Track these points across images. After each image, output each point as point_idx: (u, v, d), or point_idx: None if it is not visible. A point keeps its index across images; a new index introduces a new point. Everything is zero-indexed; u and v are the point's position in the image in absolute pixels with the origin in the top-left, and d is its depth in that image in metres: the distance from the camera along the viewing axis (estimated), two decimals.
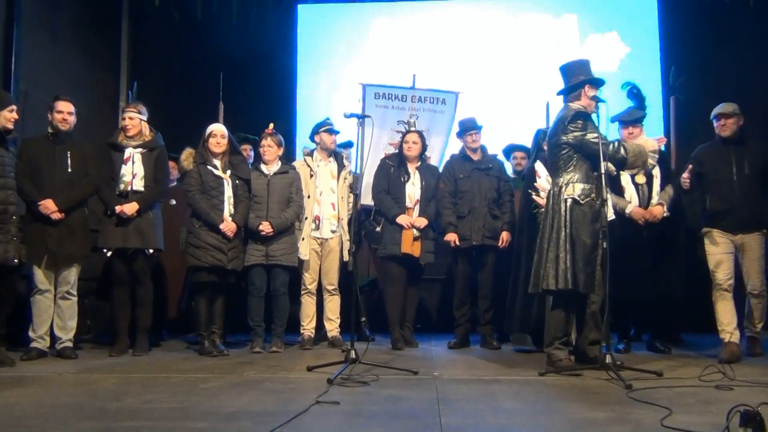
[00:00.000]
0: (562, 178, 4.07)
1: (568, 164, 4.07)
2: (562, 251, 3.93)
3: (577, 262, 3.91)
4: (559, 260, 3.93)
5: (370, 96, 6.12)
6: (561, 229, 3.97)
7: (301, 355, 4.88)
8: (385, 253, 5.24)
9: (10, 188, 4.37)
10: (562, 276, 3.90)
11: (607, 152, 4.00)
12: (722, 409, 2.23)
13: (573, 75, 4.17)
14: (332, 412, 2.83)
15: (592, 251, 3.95)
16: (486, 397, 3.21)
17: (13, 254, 4.32)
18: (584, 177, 4.02)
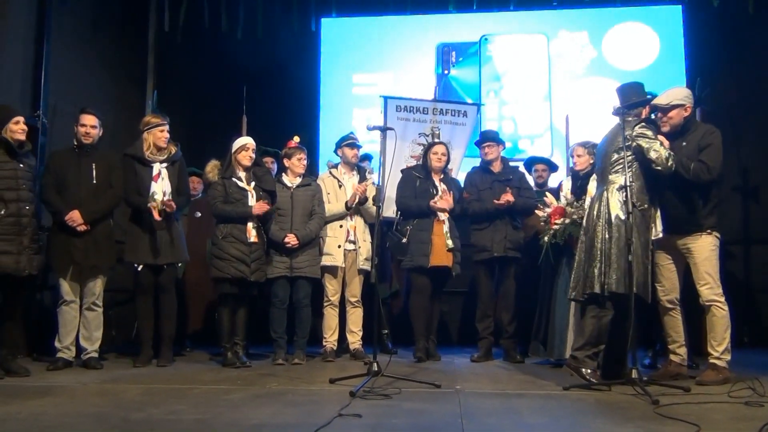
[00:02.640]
0: (619, 182, 3.92)
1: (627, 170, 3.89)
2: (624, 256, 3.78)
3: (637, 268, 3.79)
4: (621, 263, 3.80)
5: (391, 109, 6.15)
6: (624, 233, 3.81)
7: (323, 367, 4.88)
8: (412, 264, 5.21)
9: (23, 200, 4.40)
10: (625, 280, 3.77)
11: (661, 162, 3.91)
12: (752, 426, 2.19)
13: (631, 95, 4.11)
14: (354, 425, 2.82)
15: (647, 258, 3.89)
16: (509, 411, 3.17)
17: (25, 265, 4.36)
18: (641, 186, 3.96)
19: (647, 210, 3.94)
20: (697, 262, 4.09)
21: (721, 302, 4.06)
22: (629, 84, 4.25)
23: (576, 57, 7.25)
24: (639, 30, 7.27)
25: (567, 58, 7.27)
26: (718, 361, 4.04)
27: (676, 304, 4.25)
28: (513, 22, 7.41)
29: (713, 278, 4.06)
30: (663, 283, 4.27)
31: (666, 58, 7.17)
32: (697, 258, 4.09)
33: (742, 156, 6.86)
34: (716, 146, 4.11)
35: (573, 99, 6.96)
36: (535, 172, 5.96)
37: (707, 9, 6.81)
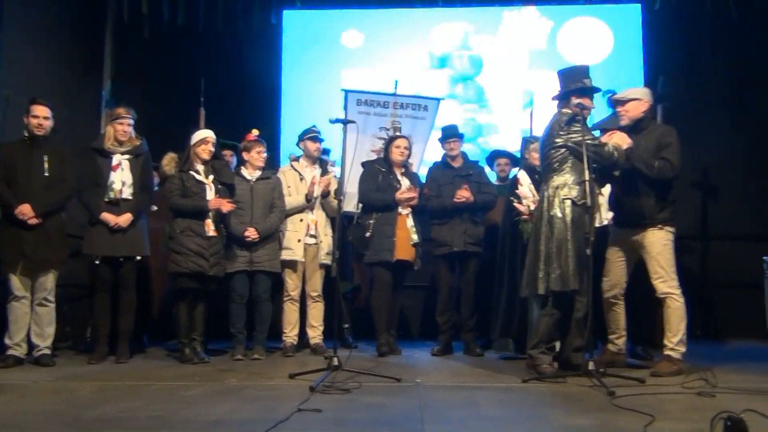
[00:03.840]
0: (557, 180, 4.04)
1: (563, 166, 4.03)
2: (566, 253, 3.89)
3: (578, 263, 3.88)
4: (562, 261, 3.89)
5: (352, 102, 6.12)
6: (562, 230, 3.93)
7: (283, 362, 4.84)
8: (376, 258, 5.20)
9: None
10: (566, 278, 3.87)
11: (605, 155, 3.98)
12: (705, 416, 2.23)
13: (568, 81, 4.17)
14: (314, 419, 2.80)
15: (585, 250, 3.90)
16: (469, 404, 3.19)
17: None
18: (579, 179, 3.98)
19: (586, 204, 3.91)
20: (650, 256, 4.17)
21: (676, 294, 4.14)
22: (570, 68, 4.27)
23: (535, 51, 7.31)
24: (593, 25, 7.36)
25: (527, 52, 7.32)
26: (673, 352, 4.12)
27: (619, 299, 4.34)
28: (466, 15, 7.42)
29: (666, 271, 4.14)
30: (609, 277, 4.35)
31: (620, 55, 7.27)
32: (650, 252, 4.17)
33: (700, 154, 7.03)
34: (676, 144, 4.21)
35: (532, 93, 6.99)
36: (498, 165, 6.00)
37: (666, 8, 6.93)
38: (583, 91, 4.14)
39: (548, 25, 7.38)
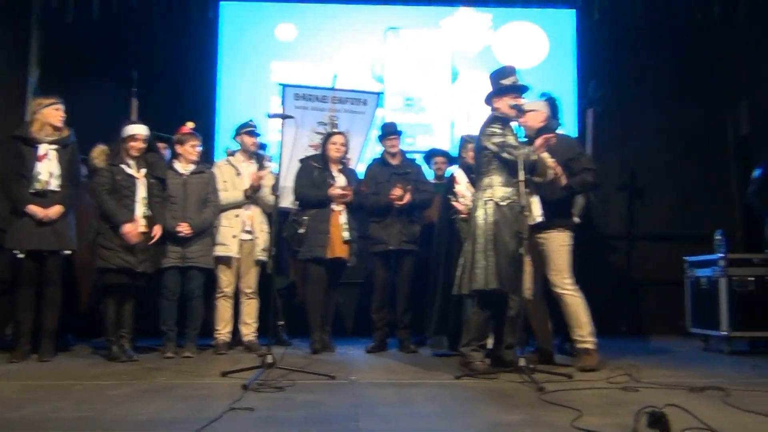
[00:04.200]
0: (484, 181, 4.13)
1: (488, 168, 4.12)
2: (488, 253, 3.97)
3: (501, 263, 3.95)
4: (486, 261, 3.96)
5: (289, 96, 6.06)
6: (485, 231, 4.01)
7: (215, 360, 4.75)
8: (309, 255, 5.16)
9: None
10: (489, 277, 3.94)
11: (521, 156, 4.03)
12: (629, 411, 2.31)
13: (495, 82, 4.24)
14: (246, 418, 2.76)
15: (515, 252, 3.99)
16: (402, 400, 3.21)
17: None
18: (505, 181, 4.07)
19: (515, 204, 4.00)
20: (547, 255, 4.35)
21: (571, 291, 4.29)
22: (497, 69, 4.31)
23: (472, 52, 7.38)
24: (529, 30, 7.50)
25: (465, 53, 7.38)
26: (587, 344, 4.26)
27: (537, 298, 4.44)
28: (411, 15, 7.43)
29: (560, 271, 4.30)
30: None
31: (555, 60, 7.45)
32: (547, 252, 4.35)
33: (628, 157, 7.28)
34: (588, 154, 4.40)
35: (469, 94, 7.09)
36: (435, 164, 6.05)
37: (600, 15, 7.13)
38: (506, 91, 4.17)
39: (486, 28, 7.47)
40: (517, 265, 3.92)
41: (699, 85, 7.46)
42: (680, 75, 7.46)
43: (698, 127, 7.39)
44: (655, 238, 7.22)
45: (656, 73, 7.46)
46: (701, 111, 7.41)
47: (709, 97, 7.46)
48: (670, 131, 7.39)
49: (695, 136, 7.39)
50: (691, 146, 7.38)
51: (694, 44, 7.40)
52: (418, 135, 7.15)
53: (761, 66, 7.16)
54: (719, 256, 5.33)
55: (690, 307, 5.79)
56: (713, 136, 7.42)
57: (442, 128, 7.17)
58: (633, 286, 7.23)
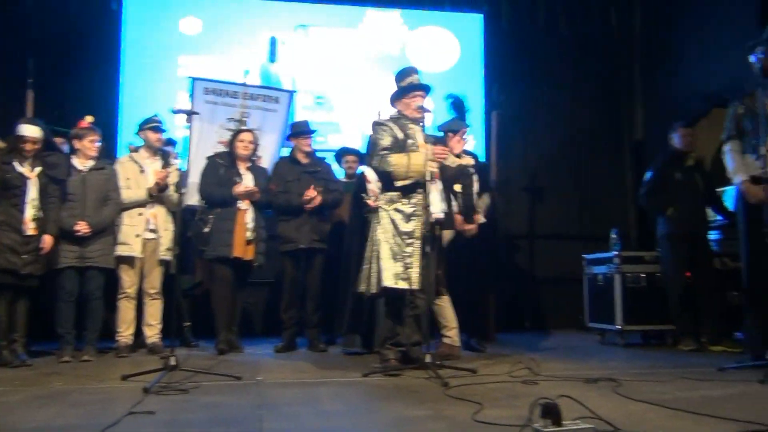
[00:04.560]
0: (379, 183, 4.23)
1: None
2: (375, 254, 4.07)
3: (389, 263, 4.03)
4: (379, 262, 4.05)
5: (199, 91, 5.92)
6: (374, 233, 4.13)
7: (115, 363, 4.58)
8: (214, 254, 5.06)
9: None
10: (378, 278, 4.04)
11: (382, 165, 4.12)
12: (527, 403, 2.40)
13: (398, 83, 4.29)
14: (146, 422, 2.68)
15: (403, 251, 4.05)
16: (309, 400, 3.20)
17: None
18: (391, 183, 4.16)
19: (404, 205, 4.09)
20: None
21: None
22: (399, 70, 4.36)
23: (384, 53, 7.42)
24: (441, 34, 7.64)
25: (377, 54, 7.42)
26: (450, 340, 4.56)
27: (441, 293, 4.54)
28: (322, 14, 7.41)
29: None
30: None
31: (466, 64, 7.62)
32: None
33: (531, 159, 7.55)
34: None
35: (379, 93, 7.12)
36: (345, 162, 6.06)
37: (506, 21, 7.36)
38: (406, 91, 4.23)
39: (399, 30, 7.55)
40: (424, 263, 3.99)
41: (598, 91, 7.85)
42: (580, 81, 7.81)
43: (596, 132, 7.78)
44: (556, 237, 7.53)
45: (557, 78, 7.77)
46: (599, 116, 7.81)
47: (606, 103, 7.86)
48: (570, 135, 7.71)
49: (594, 140, 7.76)
50: (590, 150, 7.74)
51: (594, 52, 7.78)
52: (329, 134, 7.14)
53: (655, 74, 7.59)
54: (614, 254, 5.61)
55: (588, 302, 6.07)
56: (610, 140, 7.82)
57: (353, 127, 7.18)
58: (535, 284, 7.50)
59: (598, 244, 6.29)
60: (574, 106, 7.78)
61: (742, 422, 2.42)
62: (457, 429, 2.46)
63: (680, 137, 5.44)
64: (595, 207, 7.59)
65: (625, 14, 7.80)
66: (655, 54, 7.58)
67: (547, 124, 7.66)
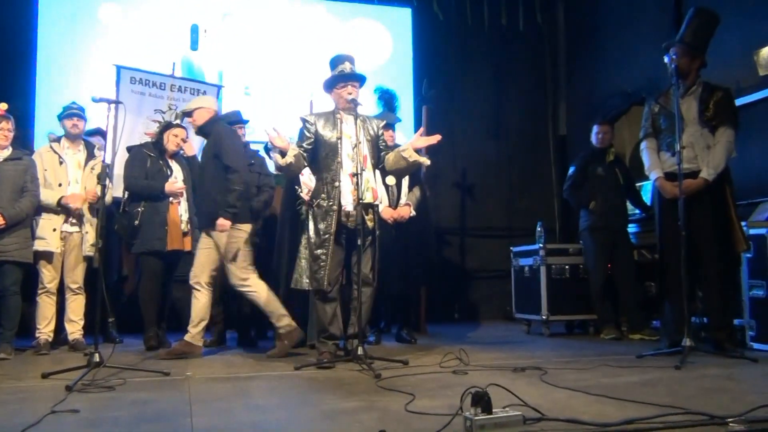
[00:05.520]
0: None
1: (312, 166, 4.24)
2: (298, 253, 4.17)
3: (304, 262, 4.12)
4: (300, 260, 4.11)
5: (125, 80, 5.74)
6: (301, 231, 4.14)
7: (35, 361, 4.40)
8: (145, 248, 4.90)
9: None
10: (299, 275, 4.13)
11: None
12: (458, 392, 2.43)
13: (331, 70, 4.25)
14: (70, 421, 2.58)
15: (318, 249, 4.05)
16: (240, 394, 3.16)
17: None
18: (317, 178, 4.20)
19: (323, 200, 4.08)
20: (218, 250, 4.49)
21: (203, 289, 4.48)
22: (333, 57, 4.30)
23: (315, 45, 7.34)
24: (373, 27, 7.65)
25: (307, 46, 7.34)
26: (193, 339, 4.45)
27: (202, 287, 4.55)
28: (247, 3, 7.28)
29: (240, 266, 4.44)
30: (195, 264, 4.56)
31: (398, 58, 7.66)
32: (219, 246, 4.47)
33: (459, 154, 7.67)
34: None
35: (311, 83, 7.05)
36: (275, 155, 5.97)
37: (434, 15, 7.43)
38: (337, 80, 4.19)
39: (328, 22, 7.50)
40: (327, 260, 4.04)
41: (523, 86, 8.06)
42: (507, 77, 8.00)
43: (522, 127, 7.99)
44: (485, 230, 7.69)
45: (484, 74, 7.93)
46: (525, 112, 8.02)
47: (532, 99, 8.08)
48: (497, 130, 7.90)
49: (520, 135, 7.97)
50: (517, 144, 7.94)
51: (520, 49, 7.97)
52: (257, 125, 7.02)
53: (578, 72, 7.85)
54: (539, 246, 5.78)
55: (515, 293, 6.23)
56: (536, 135, 8.04)
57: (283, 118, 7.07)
58: (465, 276, 7.64)
59: (524, 238, 6.46)
60: (501, 102, 7.96)
61: (660, 406, 2.54)
62: (390, 419, 2.48)
63: (595, 134, 5.65)
64: (522, 201, 7.79)
65: (550, 12, 8.02)
66: (578, 52, 7.84)
67: (475, 119, 7.80)
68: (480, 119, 7.83)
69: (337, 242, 4.06)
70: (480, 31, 7.62)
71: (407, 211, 5.07)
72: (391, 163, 4.21)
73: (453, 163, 7.65)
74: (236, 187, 4.37)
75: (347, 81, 4.15)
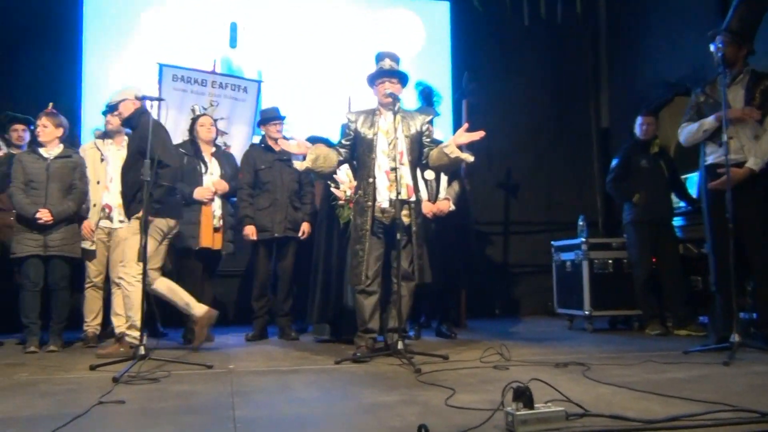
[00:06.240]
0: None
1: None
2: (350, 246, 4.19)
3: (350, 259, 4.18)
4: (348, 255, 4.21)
5: (167, 77, 5.84)
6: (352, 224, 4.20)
7: (83, 353, 4.52)
8: (181, 246, 5.00)
9: None
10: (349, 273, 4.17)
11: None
12: (499, 387, 2.42)
13: (376, 65, 4.26)
14: (116, 412, 2.64)
15: (356, 244, 4.12)
16: (282, 387, 3.19)
17: None
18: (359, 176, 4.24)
19: (361, 197, 4.14)
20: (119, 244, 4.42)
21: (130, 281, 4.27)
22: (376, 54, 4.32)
23: (353, 42, 7.35)
24: (407, 18, 7.60)
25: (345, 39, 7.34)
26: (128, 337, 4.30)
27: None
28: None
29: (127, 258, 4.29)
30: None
31: (432, 50, 7.58)
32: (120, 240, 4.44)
33: (500, 148, 7.58)
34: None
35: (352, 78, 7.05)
36: None
37: (472, 8, 7.36)
38: (374, 77, 4.23)
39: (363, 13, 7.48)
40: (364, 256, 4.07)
41: (564, 79, 7.92)
42: (547, 69, 7.87)
43: (563, 120, 7.86)
44: (525, 224, 7.60)
45: (524, 66, 7.82)
46: (566, 104, 7.89)
47: (572, 91, 7.93)
48: (538, 122, 7.79)
49: (561, 128, 7.84)
50: (557, 137, 7.83)
51: (560, 40, 7.84)
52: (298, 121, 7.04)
53: (620, 63, 7.69)
54: (581, 241, 5.69)
55: (556, 289, 6.15)
56: (577, 128, 7.90)
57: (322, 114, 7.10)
58: (505, 271, 7.57)
59: (566, 232, 6.36)
60: (542, 94, 7.85)
61: (707, 403, 2.47)
62: (430, 414, 2.47)
63: (639, 125, 5.53)
64: (564, 194, 7.68)
65: (590, 2, 7.88)
66: (620, 42, 7.68)
67: (515, 112, 7.71)
68: (519, 112, 7.73)
69: (374, 237, 4.08)
70: (519, 23, 7.52)
71: (446, 205, 5.04)
72: (434, 159, 4.19)
73: (492, 156, 7.57)
74: (165, 183, 4.26)
75: (385, 77, 4.18)
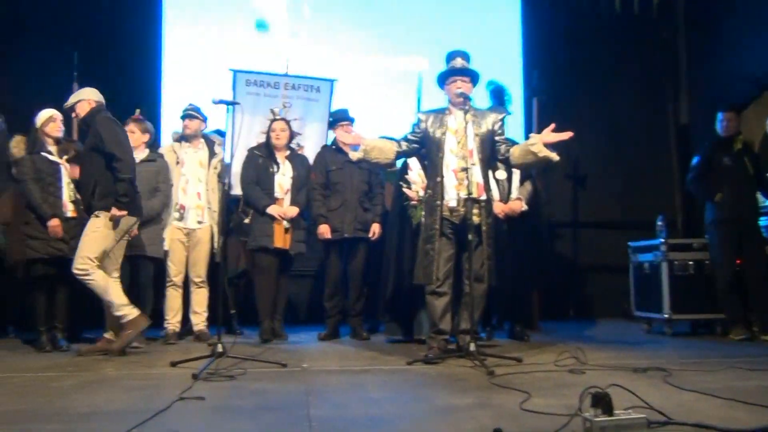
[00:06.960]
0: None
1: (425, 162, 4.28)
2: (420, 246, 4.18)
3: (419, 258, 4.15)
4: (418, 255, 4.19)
5: (240, 82, 5.96)
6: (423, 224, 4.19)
7: (164, 350, 4.68)
8: (255, 245, 5.12)
9: None
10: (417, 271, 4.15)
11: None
12: (575, 392, 2.36)
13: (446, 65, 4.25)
14: (197, 407, 2.73)
15: (427, 244, 4.11)
16: (354, 387, 3.22)
17: None
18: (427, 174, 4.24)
19: (431, 197, 4.13)
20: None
21: (89, 275, 4.20)
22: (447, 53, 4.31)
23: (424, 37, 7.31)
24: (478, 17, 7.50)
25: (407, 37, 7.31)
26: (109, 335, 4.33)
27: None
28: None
29: (84, 254, 4.19)
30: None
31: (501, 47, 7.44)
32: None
33: (573, 146, 7.39)
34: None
35: None
36: None
37: (545, 2, 7.23)
38: (446, 75, 4.22)
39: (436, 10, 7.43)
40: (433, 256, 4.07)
41: (641, 74, 7.67)
42: (622, 65, 7.65)
43: (640, 116, 7.61)
44: (600, 224, 7.41)
45: (598, 62, 7.61)
46: (643, 100, 7.64)
47: (650, 87, 7.68)
48: (613, 120, 7.57)
49: (637, 125, 7.60)
50: (634, 135, 7.59)
51: (636, 35, 7.60)
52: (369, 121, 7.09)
53: (700, 57, 7.39)
54: (660, 241, 5.50)
55: (634, 291, 5.96)
56: (654, 124, 7.64)
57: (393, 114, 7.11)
58: (580, 272, 7.40)
59: (643, 232, 6.16)
60: (617, 90, 7.63)
61: None
62: (505, 417, 2.44)
63: (720, 121, 5.30)
64: (640, 193, 7.43)
65: None
66: (700, 34, 7.37)
67: (589, 109, 7.52)
68: (594, 108, 7.54)
69: (444, 238, 4.06)
70: (592, 18, 7.33)
71: (518, 205, 4.97)
72: (516, 156, 4.10)
73: (565, 155, 7.38)
74: (124, 176, 4.26)
75: (456, 76, 4.15)
